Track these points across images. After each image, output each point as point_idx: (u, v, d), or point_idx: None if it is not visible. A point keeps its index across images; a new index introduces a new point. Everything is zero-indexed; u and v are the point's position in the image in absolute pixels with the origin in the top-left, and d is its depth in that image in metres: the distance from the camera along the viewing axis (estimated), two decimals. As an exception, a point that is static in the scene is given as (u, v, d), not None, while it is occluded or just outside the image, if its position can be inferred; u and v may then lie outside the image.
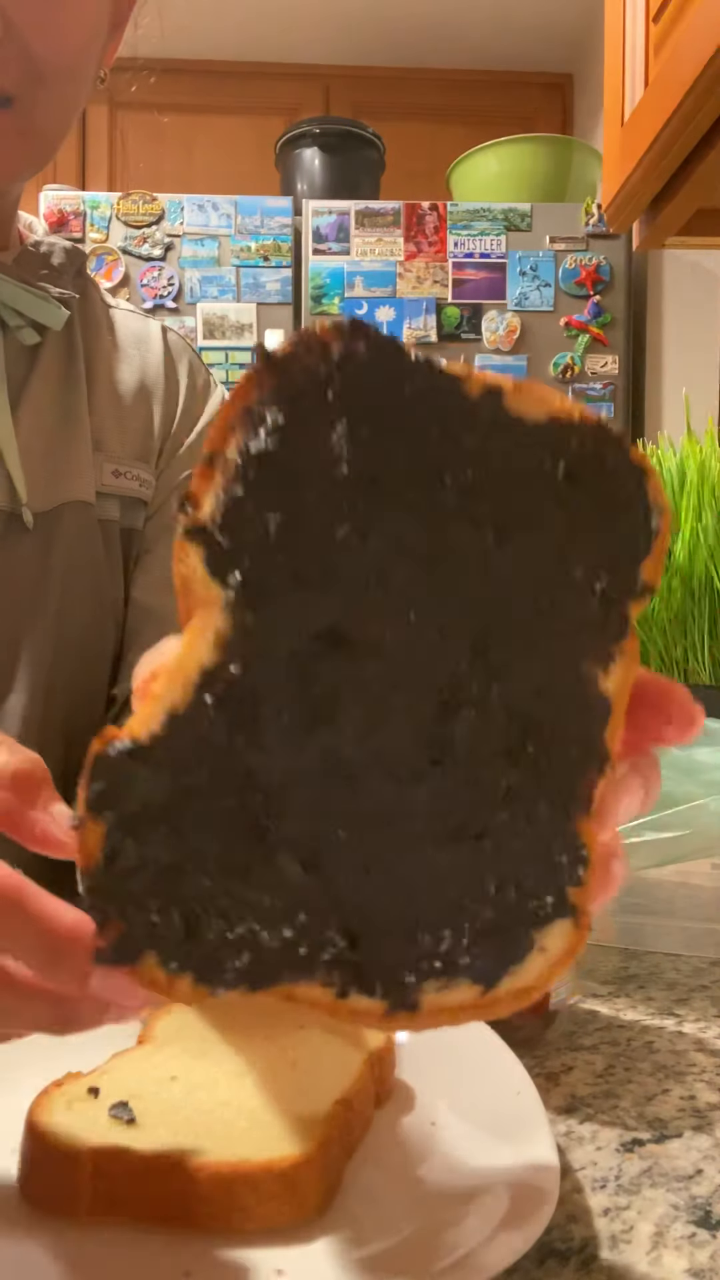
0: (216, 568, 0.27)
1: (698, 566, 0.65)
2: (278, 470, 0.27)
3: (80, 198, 2.32)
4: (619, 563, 0.28)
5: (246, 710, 0.26)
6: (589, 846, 0.28)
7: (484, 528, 0.27)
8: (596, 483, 0.28)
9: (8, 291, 0.67)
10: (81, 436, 0.70)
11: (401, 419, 0.27)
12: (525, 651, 0.28)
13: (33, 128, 0.61)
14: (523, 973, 0.28)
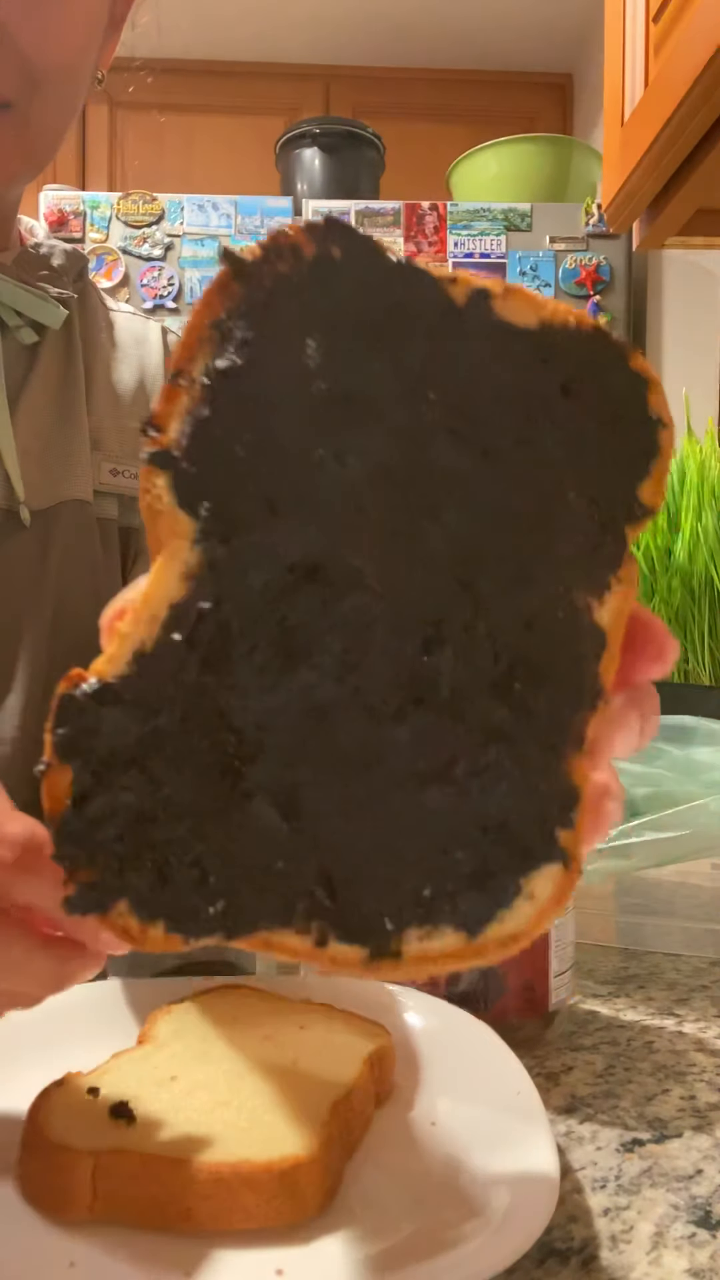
0: (184, 496, 0.25)
1: (698, 566, 0.65)
2: (248, 389, 0.25)
3: (80, 198, 2.32)
4: (617, 484, 0.26)
5: (218, 647, 0.25)
6: (580, 787, 0.26)
7: (471, 447, 0.26)
8: (594, 395, 0.26)
9: (7, 291, 0.67)
10: (80, 436, 0.70)
11: (382, 329, 0.25)
12: (514, 581, 0.26)
13: (30, 131, 0.61)
14: (510, 919, 0.26)
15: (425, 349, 0.25)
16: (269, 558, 0.25)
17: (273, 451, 0.25)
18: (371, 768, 0.26)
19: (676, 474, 0.68)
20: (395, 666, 0.26)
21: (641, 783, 0.57)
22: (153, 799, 0.25)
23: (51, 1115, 0.35)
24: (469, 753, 0.26)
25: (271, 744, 0.25)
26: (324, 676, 0.25)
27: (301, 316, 0.25)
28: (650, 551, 0.67)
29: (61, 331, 0.72)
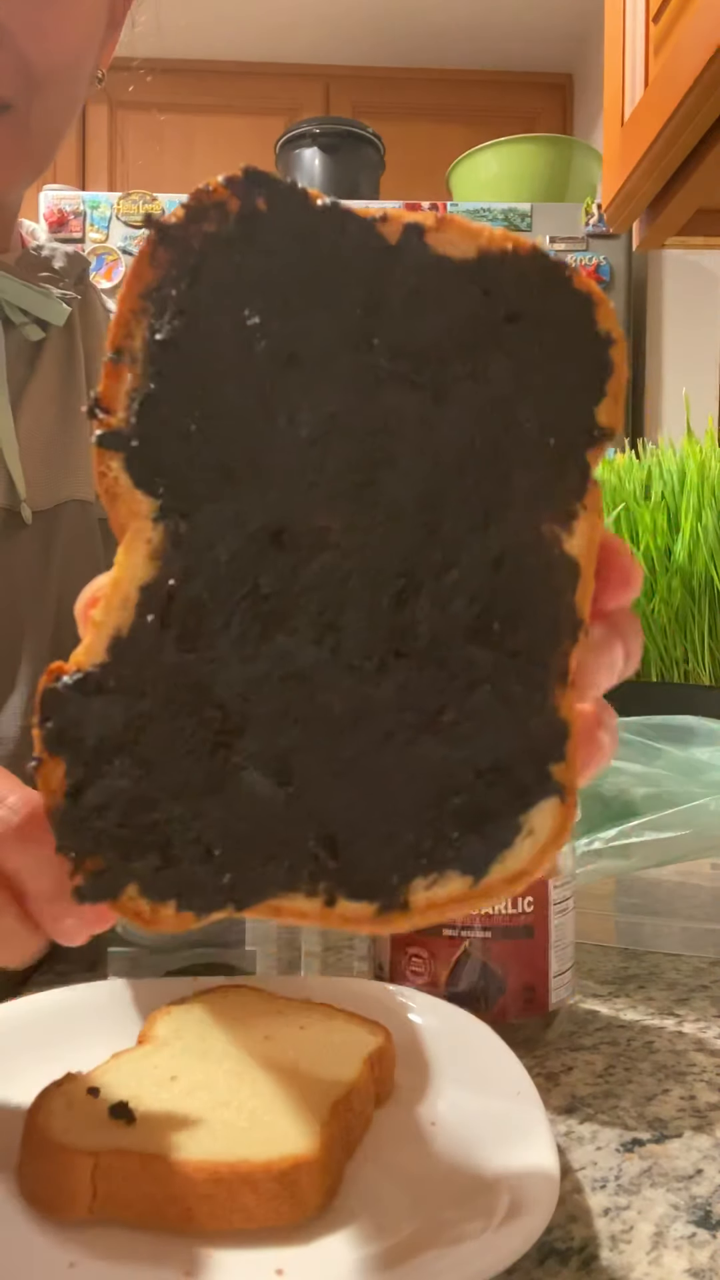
0: (139, 476, 0.25)
1: (698, 566, 0.65)
2: (189, 357, 0.25)
3: (80, 198, 2.32)
4: (572, 408, 0.26)
5: (192, 623, 0.25)
6: (569, 720, 0.26)
7: (422, 390, 0.25)
8: (540, 320, 0.26)
9: (11, 289, 0.68)
10: (81, 436, 0.70)
11: (317, 278, 0.25)
12: (480, 521, 0.26)
13: (30, 132, 0.61)
14: (513, 858, 0.26)
15: (363, 294, 0.25)
16: (232, 527, 0.25)
17: (223, 419, 0.25)
18: (359, 725, 0.26)
19: (676, 474, 0.68)
20: (372, 621, 0.25)
21: (641, 783, 0.57)
22: (147, 782, 0.25)
23: (51, 1115, 0.35)
24: (455, 699, 0.26)
25: (257, 714, 0.25)
26: (302, 640, 0.25)
27: (235, 276, 0.25)
28: (650, 551, 0.67)
29: (63, 333, 0.72)
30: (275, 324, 0.25)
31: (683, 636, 0.66)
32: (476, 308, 0.25)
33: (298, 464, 0.25)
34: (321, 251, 0.25)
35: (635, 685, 0.68)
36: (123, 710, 0.25)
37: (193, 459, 0.25)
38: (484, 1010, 0.47)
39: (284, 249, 0.25)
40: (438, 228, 0.26)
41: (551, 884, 0.48)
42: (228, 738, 0.25)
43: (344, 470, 0.25)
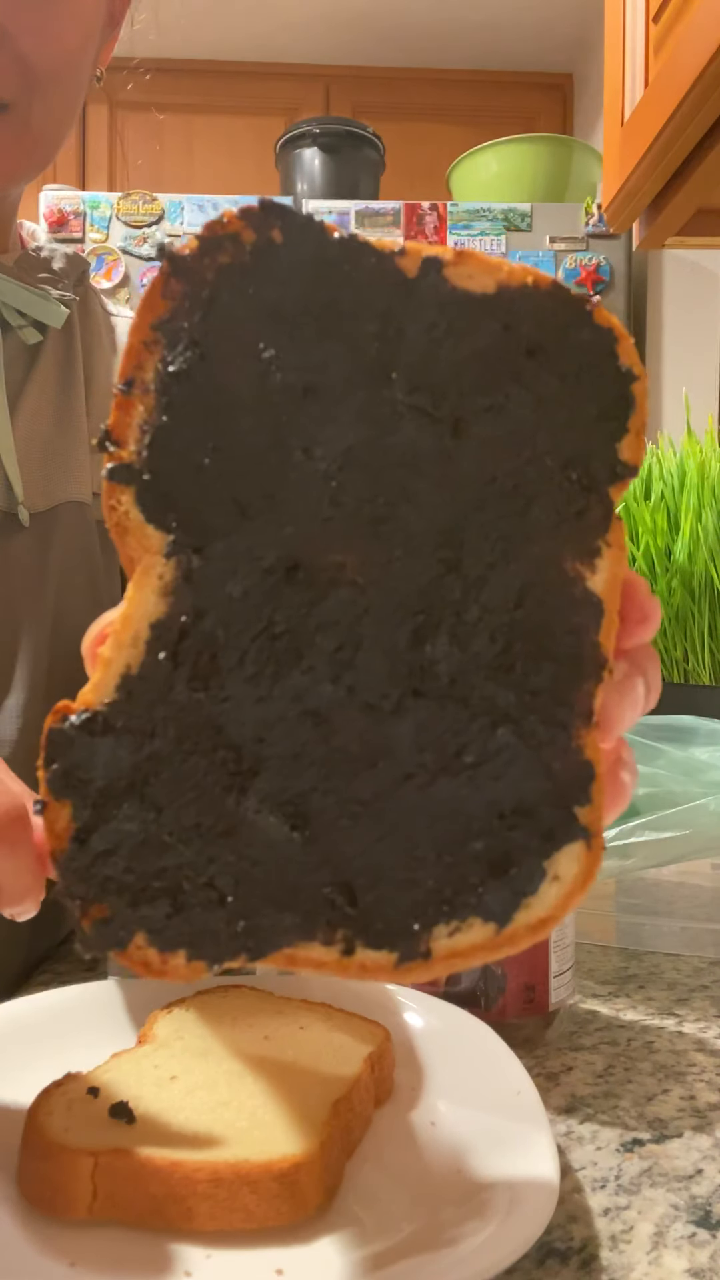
0: (151, 510, 0.24)
1: (698, 566, 0.65)
2: (202, 391, 0.24)
3: (80, 198, 2.32)
4: (594, 444, 0.26)
5: (205, 661, 0.24)
6: (594, 761, 0.25)
7: (441, 423, 0.25)
8: (561, 354, 0.25)
9: (9, 290, 0.68)
10: (79, 438, 0.70)
11: (334, 311, 0.24)
12: (501, 557, 0.25)
13: (30, 132, 0.61)
14: (538, 904, 0.25)
15: (381, 327, 0.25)
16: (246, 563, 0.25)
17: (237, 452, 0.24)
18: (377, 766, 0.25)
19: (676, 474, 0.68)
20: (389, 659, 0.25)
21: (641, 783, 0.57)
22: (157, 825, 0.25)
23: (51, 1115, 0.35)
24: (476, 739, 0.25)
25: (271, 755, 0.25)
26: (317, 679, 0.25)
27: (249, 308, 0.24)
28: (650, 551, 0.67)
29: (62, 334, 0.72)
30: (291, 356, 0.24)
31: (683, 636, 0.66)
32: (496, 342, 0.25)
33: (314, 498, 0.25)
34: (338, 284, 0.24)
35: (635, 685, 0.68)
36: (132, 751, 0.25)
37: (205, 493, 0.24)
38: (484, 1010, 0.47)
39: (300, 281, 0.24)
40: (456, 261, 0.25)
41: (551, 884, 0.48)
42: (241, 780, 0.25)
43: (361, 504, 0.25)
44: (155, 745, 0.25)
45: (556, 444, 0.25)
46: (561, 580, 0.25)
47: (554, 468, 0.25)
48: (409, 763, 0.25)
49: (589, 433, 0.26)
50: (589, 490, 0.26)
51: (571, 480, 0.26)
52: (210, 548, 0.25)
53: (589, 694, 0.25)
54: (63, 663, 0.68)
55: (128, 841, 0.25)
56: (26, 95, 0.60)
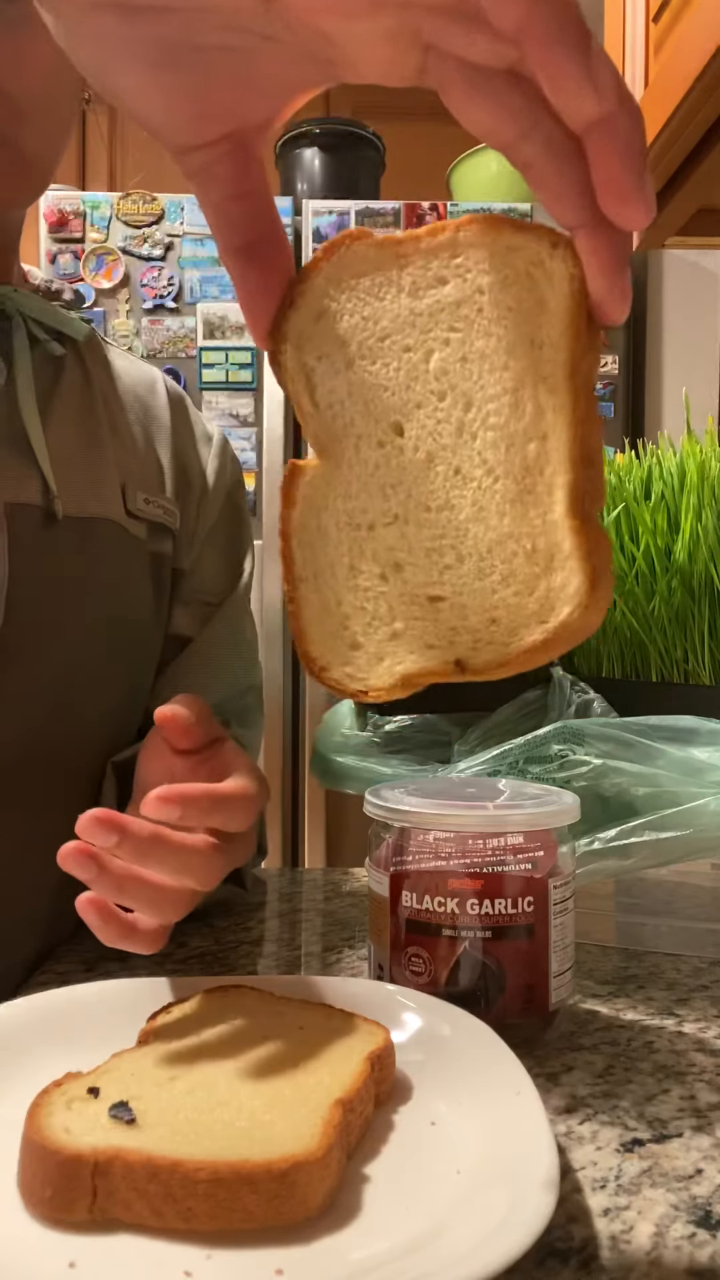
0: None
1: (698, 566, 0.65)
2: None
3: (80, 198, 2.32)
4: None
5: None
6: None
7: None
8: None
9: (34, 305, 0.70)
10: (105, 461, 0.72)
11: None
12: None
13: (23, 159, 0.63)
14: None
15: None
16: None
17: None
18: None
19: (676, 474, 0.68)
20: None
21: (641, 783, 0.57)
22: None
23: (51, 1115, 0.35)
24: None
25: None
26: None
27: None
28: (650, 551, 0.67)
29: (79, 361, 0.73)
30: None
31: (683, 636, 0.66)
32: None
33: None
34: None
35: (635, 685, 0.68)
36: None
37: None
38: (484, 1010, 0.47)
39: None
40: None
41: (551, 884, 0.48)
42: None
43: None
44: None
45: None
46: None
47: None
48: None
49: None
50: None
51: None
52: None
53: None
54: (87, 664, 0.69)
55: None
56: (13, 124, 0.61)
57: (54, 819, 0.46)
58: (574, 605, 0.31)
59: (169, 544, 0.77)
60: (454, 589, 0.33)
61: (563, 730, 0.60)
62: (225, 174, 0.33)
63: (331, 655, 0.35)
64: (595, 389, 0.34)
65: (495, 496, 0.33)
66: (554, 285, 0.32)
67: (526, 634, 0.32)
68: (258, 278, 0.35)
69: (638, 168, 0.28)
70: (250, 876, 0.76)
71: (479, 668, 0.33)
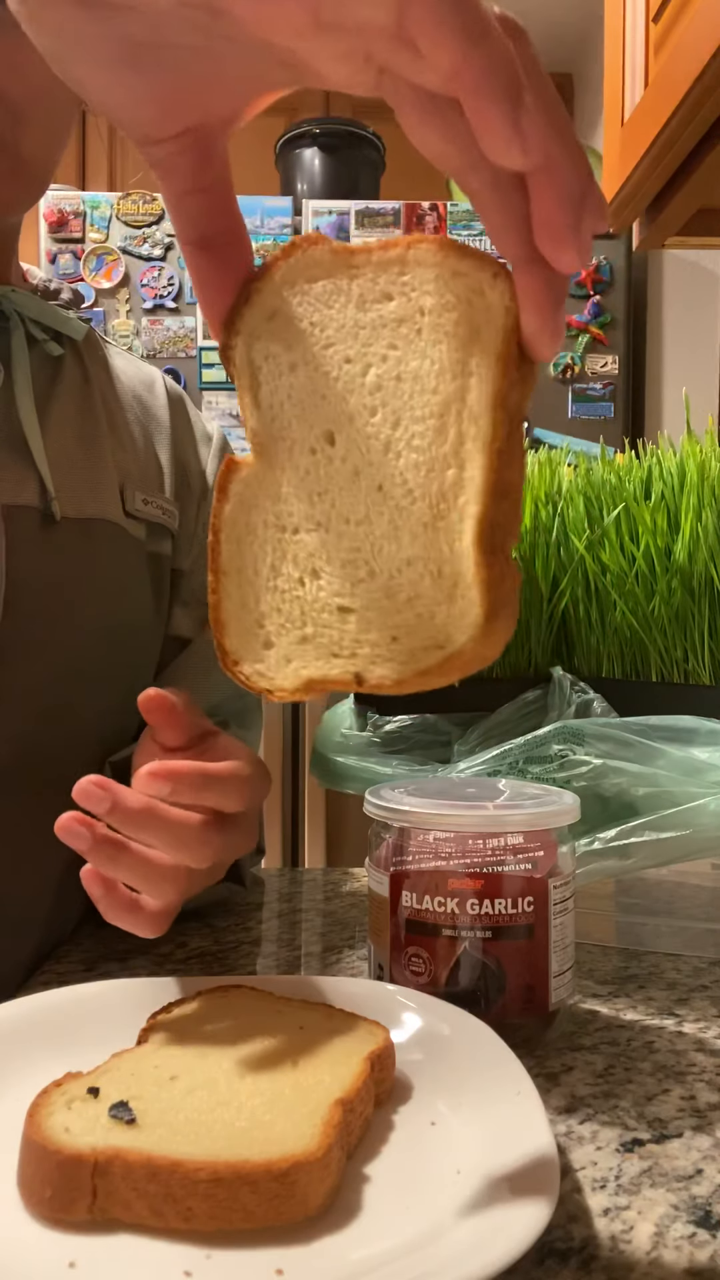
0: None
1: (698, 566, 0.65)
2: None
3: (80, 198, 2.32)
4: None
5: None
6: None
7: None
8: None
9: (32, 305, 0.70)
10: (103, 462, 0.72)
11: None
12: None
13: (22, 163, 0.63)
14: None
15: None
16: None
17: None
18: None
19: (676, 474, 0.68)
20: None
21: (641, 783, 0.57)
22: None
23: (51, 1115, 0.35)
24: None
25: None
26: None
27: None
28: (650, 551, 0.67)
29: (77, 361, 0.74)
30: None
31: (683, 636, 0.66)
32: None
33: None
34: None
35: (635, 685, 0.68)
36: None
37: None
38: (484, 1010, 0.47)
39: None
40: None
41: (551, 884, 0.48)
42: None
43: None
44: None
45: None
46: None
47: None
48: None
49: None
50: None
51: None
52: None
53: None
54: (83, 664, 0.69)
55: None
56: (11, 127, 0.61)
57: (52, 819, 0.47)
58: (469, 636, 0.31)
59: (168, 544, 0.77)
60: (363, 603, 0.33)
61: (563, 730, 0.60)
62: (186, 167, 0.33)
63: (245, 651, 0.36)
64: (524, 422, 0.33)
65: (410, 518, 0.33)
66: (490, 316, 0.32)
67: (424, 657, 0.32)
68: (213, 272, 0.35)
69: (574, 210, 0.28)
70: (250, 875, 0.76)
71: (375, 683, 0.33)
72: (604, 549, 0.68)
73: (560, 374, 2.32)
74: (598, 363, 2.33)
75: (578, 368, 2.32)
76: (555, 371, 2.32)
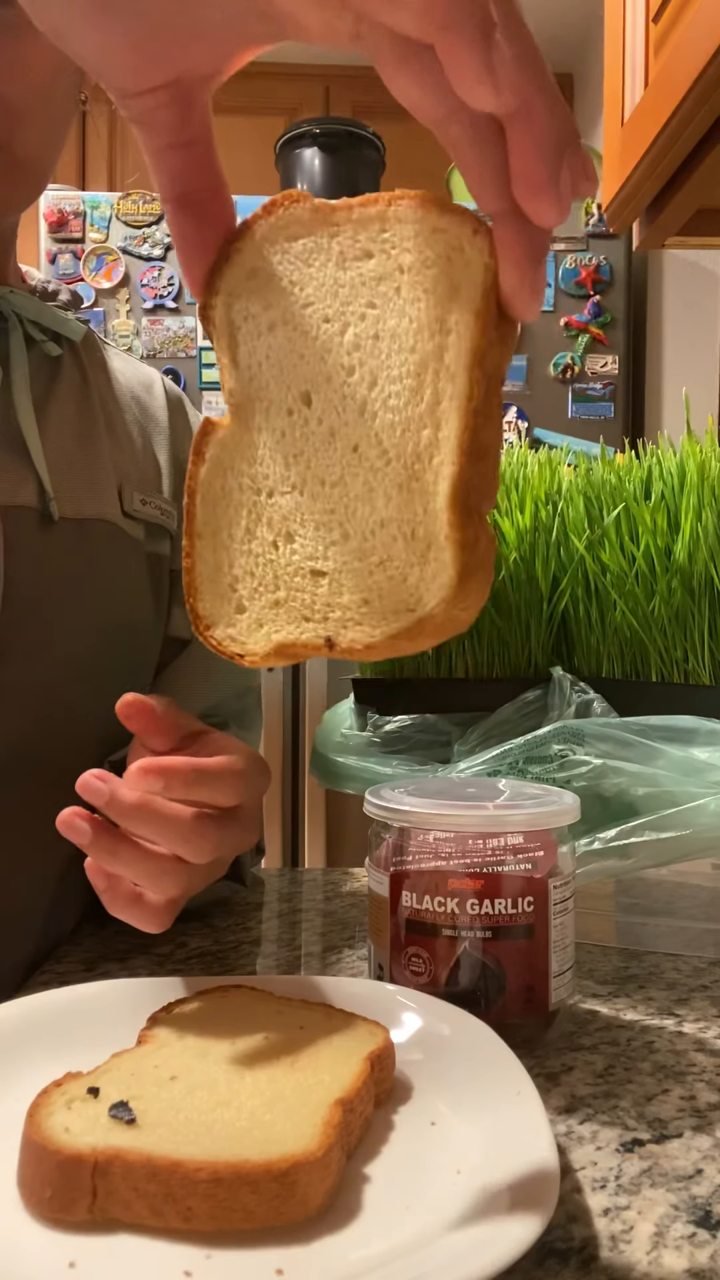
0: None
1: (698, 566, 0.65)
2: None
3: (80, 198, 2.32)
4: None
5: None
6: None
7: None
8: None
9: (31, 306, 0.70)
10: (102, 462, 0.72)
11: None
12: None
13: (19, 163, 0.63)
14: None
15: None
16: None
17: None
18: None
19: (676, 474, 0.68)
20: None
21: (641, 783, 0.57)
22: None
23: (51, 1115, 0.35)
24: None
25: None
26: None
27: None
28: (650, 551, 0.67)
29: (74, 364, 0.74)
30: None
31: (683, 636, 0.66)
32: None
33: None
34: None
35: (635, 685, 0.68)
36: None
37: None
38: (484, 1010, 0.47)
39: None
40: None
41: (551, 884, 0.48)
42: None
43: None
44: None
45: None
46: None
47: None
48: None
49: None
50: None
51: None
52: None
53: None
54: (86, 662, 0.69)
55: None
56: (9, 127, 0.61)
57: (49, 819, 0.47)
58: (440, 599, 0.30)
59: (167, 545, 0.77)
60: (336, 565, 0.33)
61: (563, 730, 0.60)
62: (166, 122, 0.33)
63: (217, 615, 0.35)
64: (504, 383, 0.33)
65: (385, 479, 0.32)
66: (469, 272, 0.31)
67: (395, 620, 0.31)
68: (194, 229, 0.35)
69: (552, 161, 0.27)
70: (250, 875, 0.76)
71: (346, 647, 0.32)
72: (604, 549, 0.68)
73: (560, 374, 2.32)
74: (598, 363, 2.33)
75: (578, 368, 2.32)
76: (555, 371, 2.32)
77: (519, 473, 0.73)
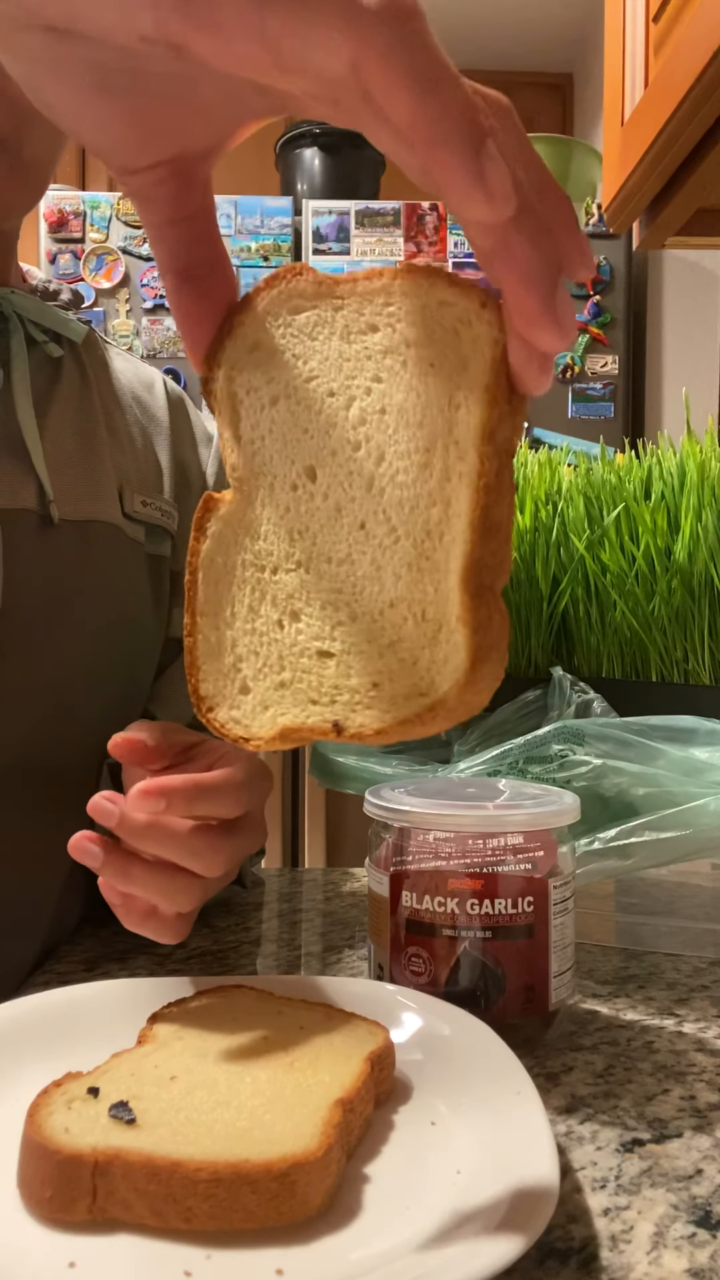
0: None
1: (698, 566, 0.65)
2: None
3: (80, 198, 2.32)
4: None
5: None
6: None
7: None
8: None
9: (33, 307, 0.70)
10: (102, 463, 0.71)
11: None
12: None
13: (23, 164, 0.64)
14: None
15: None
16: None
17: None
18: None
19: (676, 474, 0.68)
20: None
21: (641, 783, 0.57)
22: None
23: (51, 1115, 0.35)
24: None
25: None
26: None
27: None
28: (650, 551, 0.67)
29: (75, 365, 0.74)
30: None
31: (683, 636, 0.67)
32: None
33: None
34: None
35: (635, 685, 0.68)
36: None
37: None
38: (484, 1010, 0.47)
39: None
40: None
41: (551, 884, 0.48)
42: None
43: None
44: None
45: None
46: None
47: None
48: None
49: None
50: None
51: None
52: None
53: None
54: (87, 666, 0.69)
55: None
56: (16, 130, 0.62)
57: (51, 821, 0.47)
58: (452, 682, 0.29)
59: (167, 546, 0.77)
60: (343, 646, 0.32)
61: (563, 730, 0.60)
62: (166, 197, 0.32)
63: (220, 696, 0.34)
64: (514, 456, 0.32)
65: (394, 557, 0.31)
66: (477, 347, 0.30)
67: (405, 705, 0.30)
68: (194, 303, 0.34)
69: (543, 290, 0.26)
70: (250, 875, 0.76)
71: (355, 732, 0.31)
72: (604, 549, 0.68)
73: (560, 374, 2.32)
74: (598, 363, 2.33)
75: (578, 368, 2.32)
76: (555, 371, 2.32)
77: (519, 473, 0.73)
